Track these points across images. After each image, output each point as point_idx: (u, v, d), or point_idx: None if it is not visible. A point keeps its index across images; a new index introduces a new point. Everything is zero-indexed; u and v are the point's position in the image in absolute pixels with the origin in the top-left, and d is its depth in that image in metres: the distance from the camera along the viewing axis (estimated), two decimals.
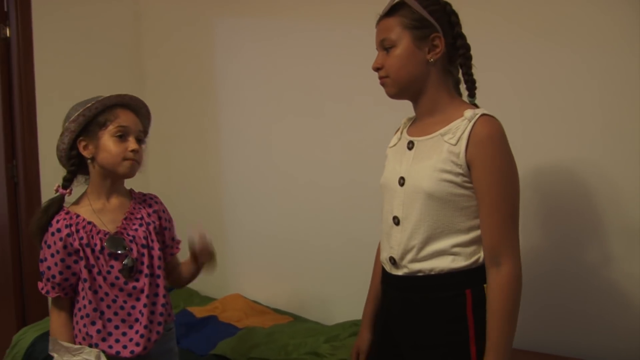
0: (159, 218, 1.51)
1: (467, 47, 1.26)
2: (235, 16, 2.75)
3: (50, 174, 2.69)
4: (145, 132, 1.48)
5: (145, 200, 1.53)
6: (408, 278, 1.26)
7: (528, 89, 1.81)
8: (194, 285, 2.98)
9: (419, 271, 1.24)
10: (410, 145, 1.29)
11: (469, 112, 1.19)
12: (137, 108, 1.47)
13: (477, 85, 1.27)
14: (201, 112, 2.97)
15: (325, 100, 2.39)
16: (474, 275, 1.21)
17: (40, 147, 2.72)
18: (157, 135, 3.10)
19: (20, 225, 2.71)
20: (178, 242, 1.60)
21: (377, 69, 1.28)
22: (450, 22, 1.24)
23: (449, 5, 1.26)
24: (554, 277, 1.79)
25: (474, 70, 1.27)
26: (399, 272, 1.28)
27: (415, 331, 1.27)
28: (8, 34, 2.66)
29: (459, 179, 1.19)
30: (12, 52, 2.66)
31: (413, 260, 1.24)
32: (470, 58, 1.26)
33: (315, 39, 2.40)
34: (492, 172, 1.16)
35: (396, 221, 1.28)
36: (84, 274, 1.37)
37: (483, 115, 1.19)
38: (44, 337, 2.41)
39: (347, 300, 2.39)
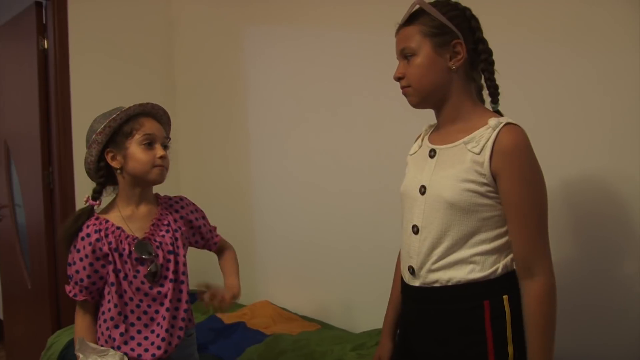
0: (189, 221, 1.54)
1: (489, 52, 1.23)
2: (264, 24, 2.78)
3: (84, 181, 2.77)
4: (168, 137, 1.51)
5: (172, 205, 1.55)
6: (425, 289, 1.24)
7: (551, 95, 1.77)
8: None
9: (436, 281, 1.21)
10: (432, 154, 1.27)
11: (493, 121, 1.16)
12: (159, 116, 1.50)
13: (499, 91, 1.25)
14: (230, 118, 3.01)
15: (353, 107, 2.38)
16: (492, 286, 1.18)
17: (75, 154, 2.79)
18: (187, 142, 3.19)
19: (55, 231, 2.79)
20: (214, 229, 1.67)
21: (398, 79, 1.26)
22: (470, 27, 1.22)
23: (469, 10, 1.24)
24: (585, 288, 1.73)
25: (495, 76, 1.25)
26: (416, 283, 1.26)
27: (432, 343, 1.24)
28: (46, 46, 2.76)
29: (482, 189, 1.16)
30: (49, 63, 2.75)
31: (430, 270, 1.22)
32: (492, 63, 1.23)
33: (343, 46, 2.40)
34: (520, 183, 1.13)
35: (415, 230, 1.25)
36: (111, 277, 1.40)
37: (508, 124, 1.16)
38: None
39: (375, 309, 2.37)
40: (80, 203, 2.78)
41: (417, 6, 1.22)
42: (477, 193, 1.16)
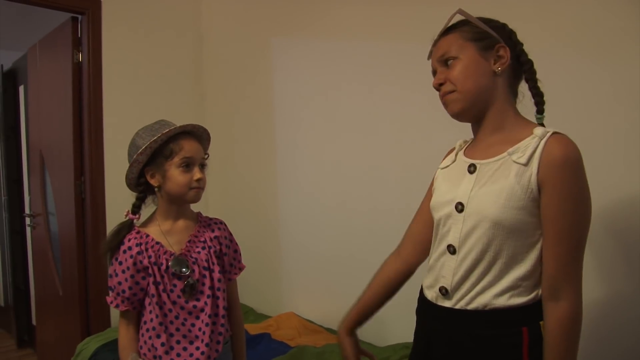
0: (220, 243, 1.56)
1: (531, 63, 1.18)
2: (292, 37, 2.81)
3: (114, 191, 2.85)
4: (206, 155, 1.54)
5: (210, 225, 1.58)
6: (458, 312, 1.16)
7: (595, 108, 1.74)
8: (250, 302, 3.07)
9: (473, 304, 1.14)
10: (472, 169, 1.18)
11: (539, 130, 1.09)
12: (199, 134, 1.53)
13: (545, 99, 1.19)
14: (258, 131, 3.04)
15: (381, 119, 2.38)
16: (532, 312, 1.11)
17: (106, 165, 2.86)
18: (214, 155, 3.21)
19: (86, 240, 2.85)
20: (239, 268, 1.64)
21: (439, 85, 1.19)
22: (511, 39, 1.18)
23: (507, 25, 1.20)
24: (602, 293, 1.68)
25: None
26: (447, 304, 1.18)
27: None
28: (80, 59, 2.84)
29: (530, 205, 1.08)
30: (83, 76, 2.83)
31: (468, 292, 1.14)
32: (535, 72, 1.18)
33: (371, 57, 2.40)
34: (565, 197, 1.05)
35: (451, 250, 1.18)
36: (152, 289, 1.44)
37: (555, 133, 1.08)
38: (106, 347, 2.50)
39: (400, 322, 2.35)
40: (110, 212, 2.85)
41: (457, 15, 1.19)
42: (524, 210, 1.08)
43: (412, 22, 2.22)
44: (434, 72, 1.23)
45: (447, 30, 1.20)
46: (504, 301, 1.11)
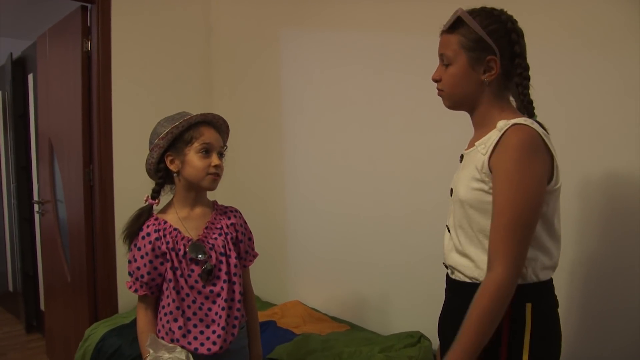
0: (236, 231, 1.60)
1: (525, 67, 1.24)
2: (301, 29, 2.81)
3: (123, 178, 2.88)
4: (225, 146, 1.59)
5: (226, 212, 1.63)
6: (454, 281, 1.32)
7: (580, 95, 1.75)
8: (255, 290, 3.08)
9: (460, 277, 1.29)
10: (461, 159, 1.35)
11: (501, 123, 1.19)
12: (219, 125, 1.58)
13: (534, 105, 1.26)
14: (266, 121, 3.06)
15: (388, 112, 2.39)
16: (516, 292, 1.16)
17: (115, 154, 2.89)
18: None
19: (94, 226, 2.89)
20: (253, 255, 1.69)
21: (436, 81, 1.33)
22: (510, 41, 1.23)
23: (511, 22, 1.24)
24: (610, 286, 1.70)
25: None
26: (452, 276, 1.34)
27: (453, 332, 1.28)
28: (90, 48, 2.86)
29: (487, 187, 1.20)
30: (92, 65, 2.85)
31: (456, 266, 1.29)
32: (527, 78, 1.24)
33: (380, 50, 2.41)
34: (502, 178, 1.15)
35: (448, 229, 1.35)
36: (169, 275, 1.48)
37: (516, 124, 1.17)
38: (113, 332, 2.54)
39: (404, 311, 2.38)
40: (118, 200, 2.88)
41: (458, 16, 1.25)
42: (483, 191, 1.21)
43: (421, 13, 2.22)
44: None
45: (451, 27, 1.27)
46: (480, 274, 1.22)
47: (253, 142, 3.15)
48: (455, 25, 1.25)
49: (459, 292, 1.30)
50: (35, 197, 3.82)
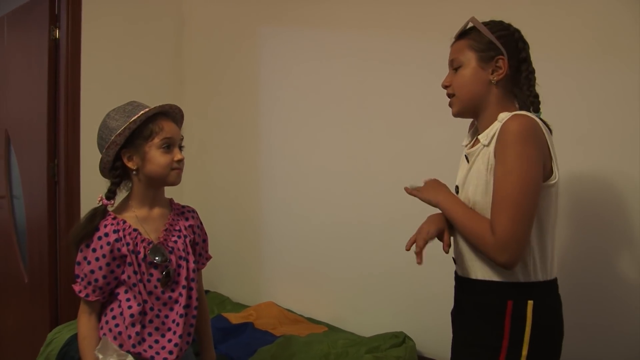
0: (193, 232, 1.53)
1: (531, 71, 1.31)
2: (279, 26, 2.78)
3: (90, 174, 2.73)
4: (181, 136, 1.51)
5: (184, 213, 1.55)
6: (459, 278, 1.38)
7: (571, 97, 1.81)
8: (225, 291, 3.04)
9: (466, 273, 1.33)
10: (467, 159, 1.38)
11: (503, 114, 1.25)
12: (174, 115, 1.50)
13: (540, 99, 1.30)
14: (240, 118, 3.00)
15: (369, 112, 2.39)
16: (516, 289, 1.25)
17: (82, 148, 2.75)
18: (192, 141, 3.15)
19: (58, 225, 2.74)
20: (207, 258, 1.62)
21: (445, 87, 1.37)
22: (517, 47, 1.30)
23: (518, 32, 1.33)
24: (580, 289, 1.77)
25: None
26: (459, 272, 1.39)
27: (459, 328, 1.38)
28: (57, 36, 2.71)
29: (491, 179, 1.25)
30: (60, 54, 2.71)
31: (463, 263, 1.34)
32: (533, 80, 1.31)
33: (359, 49, 2.41)
34: (501, 161, 1.20)
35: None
36: (133, 279, 1.39)
37: (513, 115, 1.22)
38: None
39: (380, 312, 2.39)
40: (85, 197, 2.75)
41: (471, 23, 1.34)
42: (487, 187, 1.26)
43: (404, 12, 2.24)
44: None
45: (462, 34, 1.35)
46: (487, 275, 1.27)
47: (227, 138, 3.08)
48: (466, 32, 1.34)
49: (464, 288, 1.36)
50: None
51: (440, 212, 1.35)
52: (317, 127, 2.62)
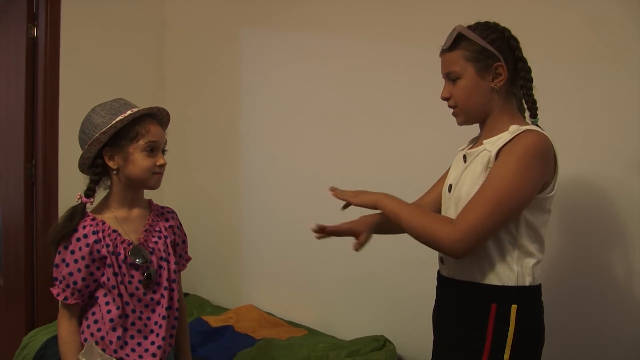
0: (174, 233, 1.52)
1: (528, 70, 1.30)
2: (261, 28, 2.77)
3: (69, 175, 2.69)
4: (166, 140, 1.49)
5: (163, 214, 1.54)
6: (444, 279, 1.37)
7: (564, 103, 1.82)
8: (205, 294, 3.01)
9: (452, 275, 1.33)
10: (465, 159, 1.37)
11: (514, 127, 1.25)
12: (161, 118, 1.48)
13: (538, 105, 1.31)
14: (221, 121, 2.98)
15: (352, 115, 2.39)
16: (502, 292, 1.25)
17: (61, 148, 2.71)
18: (172, 142, 3.13)
19: (35, 225, 2.70)
20: (187, 259, 1.60)
21: (445, 99, 1.35)
22: (510, 47, 1.29)
23: (508, 30, 1.30)
24: (571, 293, 1.79)
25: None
26: (444, 273, 1.37)
27: (441, 330, 1.38)
28: (35, 34, 2.67)
29: None
30: (38, 52, 2.67)
31: (452, 264, 1.33)
32: (531, 80, 1.30)
33: (343, 52, 2.41)
34: (500, 167, 1.20)
35: None
36: (112, 281, 1.36)
37: (528, 130, 1.22)
38: (56, 339, 2.37)
39: (360, 315, 2.39)
40: (63, 197, 2.70)
41: (458, 32, 1.29)
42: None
43: (388, 16, 2.24)
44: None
45: (452, 45, 1.30)
46: (473, 277, 1.27)
47: (208, 140, 3.06)
48: (456, 42, 1.29)
49: (449, 289, 1.36)
50: None
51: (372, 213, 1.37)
52: (298, 129, 2.61)
